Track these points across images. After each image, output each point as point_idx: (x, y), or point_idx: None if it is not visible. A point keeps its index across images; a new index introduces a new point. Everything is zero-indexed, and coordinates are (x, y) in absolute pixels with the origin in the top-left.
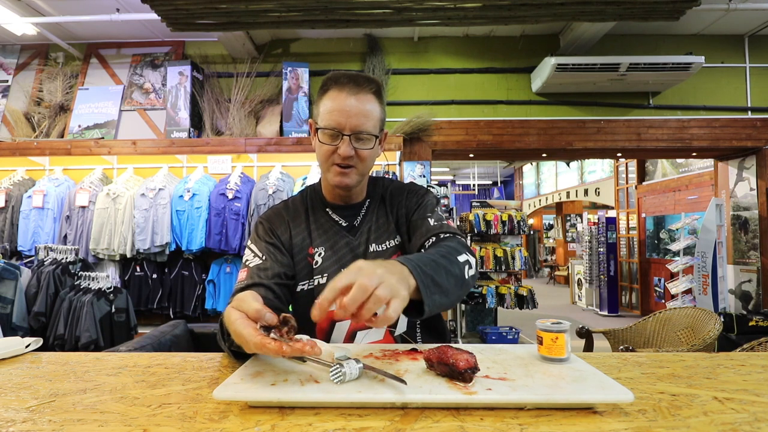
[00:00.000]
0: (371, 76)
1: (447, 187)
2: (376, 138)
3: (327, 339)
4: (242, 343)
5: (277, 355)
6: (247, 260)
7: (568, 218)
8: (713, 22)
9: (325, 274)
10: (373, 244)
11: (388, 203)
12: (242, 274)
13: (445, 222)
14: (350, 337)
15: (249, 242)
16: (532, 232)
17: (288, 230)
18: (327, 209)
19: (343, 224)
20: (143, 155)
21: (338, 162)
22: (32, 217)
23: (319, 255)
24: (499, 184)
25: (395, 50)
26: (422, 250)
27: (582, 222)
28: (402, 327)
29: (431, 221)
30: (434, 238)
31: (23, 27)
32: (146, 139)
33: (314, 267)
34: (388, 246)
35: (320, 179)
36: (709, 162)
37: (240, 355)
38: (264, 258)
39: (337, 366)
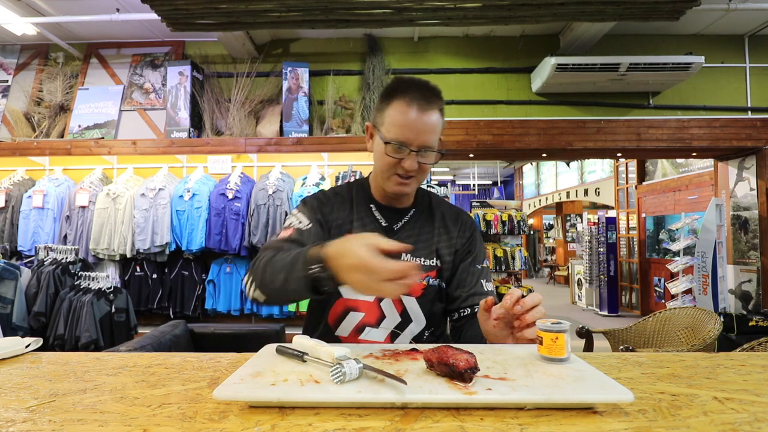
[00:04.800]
0: (436, 87)
1: (447, 187)
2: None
3: (337, 326)
4: (366, 272)
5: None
6: (291, 223)
7: (568, 218)
8: (713, 22)
9: None
10: (408, 255)
11: (438, 223)
12: (286, 232)
13: (490, 277)
14: (358, 330)
15: (296, 211)
16: (532, 232)
17: (333, 213)
18: (371, 205)
19: (383, 224)
20: (143, 155)
21: (400, 173)
22: (32, 217)
23: None
24: (499, 184)
25: (395, 50)
26: (468, 309)
27: (582, 222)
28: (407, 336)
29: (485, 284)
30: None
31: (23, 27)
32: (146, 139)
33: None
34: (423, 263)
35: (369, 176)
36: (709, 162)
37: (318, 292)
38: (309, 226)
39: (337, 366)
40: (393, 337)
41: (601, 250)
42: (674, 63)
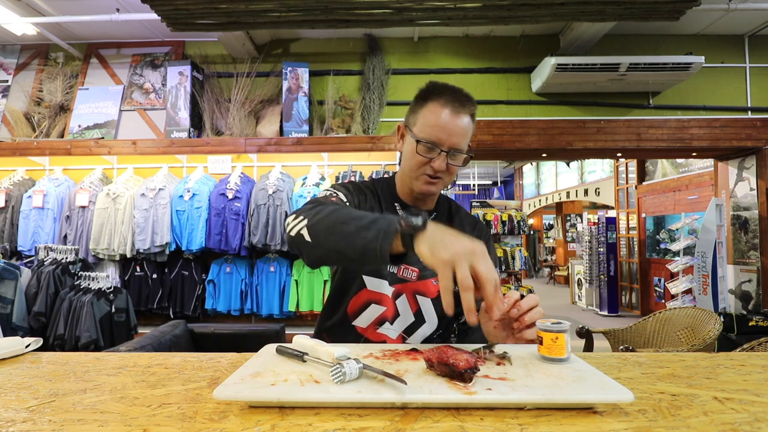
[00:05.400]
0: (469, 93)
1: (447, 187)
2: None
3: (356, 316)
4: (467, 257)
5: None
6: (332, 194)
7: (568, 218)
8: (713, 22)
9: None
10: None
11: (456, 228)
12: (332, 198)
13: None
14: (377, 323)
15: (332, 189)
16: (532, 232)
17: (365, 203)
18: (396, 204)
19: None
20: (143, 155)
21: (429, 173)
22: (32, 217)
23: None
24: (499, 184)
25: (395, 50)
26: None
27: (582, 222)
28: (418, 338)
29: None
30: None
31: (23, 27)
32: (146, 139)
33: None
34: None
35: (394, 175)
36: (709, 162)
37: (396, 259)
38: (348, 205)
39: (337, 366)
40: (404, 340)
41: (601, 250)
42: (674, 63)
